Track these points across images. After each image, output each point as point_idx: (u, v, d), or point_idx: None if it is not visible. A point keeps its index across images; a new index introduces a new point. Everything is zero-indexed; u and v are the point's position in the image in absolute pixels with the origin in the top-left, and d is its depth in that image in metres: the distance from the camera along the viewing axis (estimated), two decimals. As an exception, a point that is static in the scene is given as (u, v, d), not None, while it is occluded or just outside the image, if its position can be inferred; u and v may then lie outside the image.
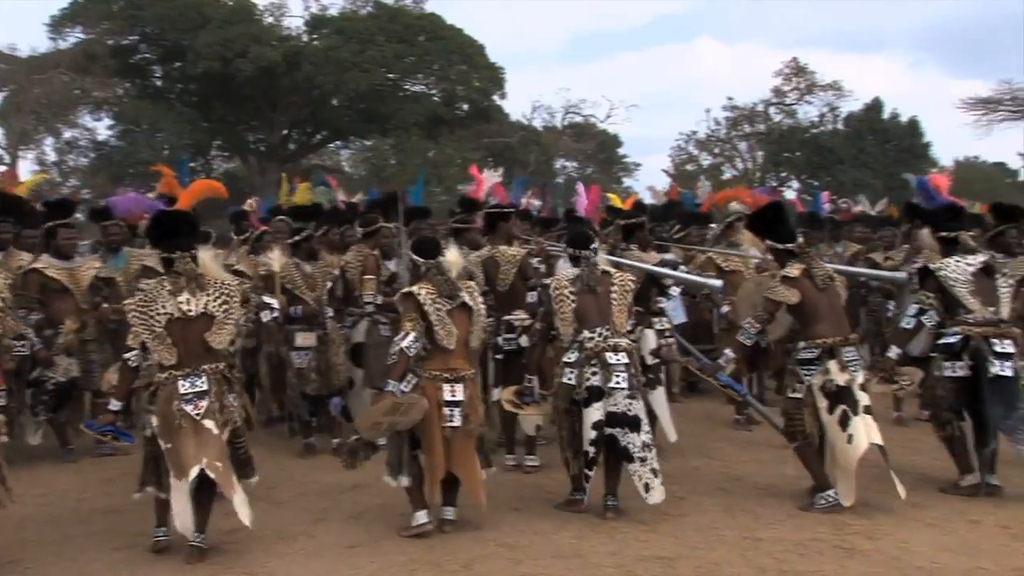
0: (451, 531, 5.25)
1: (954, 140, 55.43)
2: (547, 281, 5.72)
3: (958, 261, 5.86)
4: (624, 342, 5.54)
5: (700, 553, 4.86)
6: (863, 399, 5.53)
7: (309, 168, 32.48)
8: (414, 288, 5.27)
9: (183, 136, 30.76)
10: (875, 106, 37.13)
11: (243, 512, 4.80)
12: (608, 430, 5.38)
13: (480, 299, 5.45)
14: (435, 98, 34.38)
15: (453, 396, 5.16)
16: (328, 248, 7.99)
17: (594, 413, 5.39)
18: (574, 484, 5.60)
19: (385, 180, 27.82)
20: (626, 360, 5.47)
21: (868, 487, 5.62)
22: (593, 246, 5.76)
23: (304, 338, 7.16)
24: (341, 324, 7.42)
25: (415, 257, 5.44)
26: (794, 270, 5.69)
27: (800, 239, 5.92)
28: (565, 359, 5.56)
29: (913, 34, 66.15)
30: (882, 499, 5.56)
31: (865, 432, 5.43)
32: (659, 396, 6.88)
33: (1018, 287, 5.91)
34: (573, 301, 5.52)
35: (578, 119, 40.11)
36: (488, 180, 8.34)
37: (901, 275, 7.05)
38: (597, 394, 5.40)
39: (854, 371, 5.55)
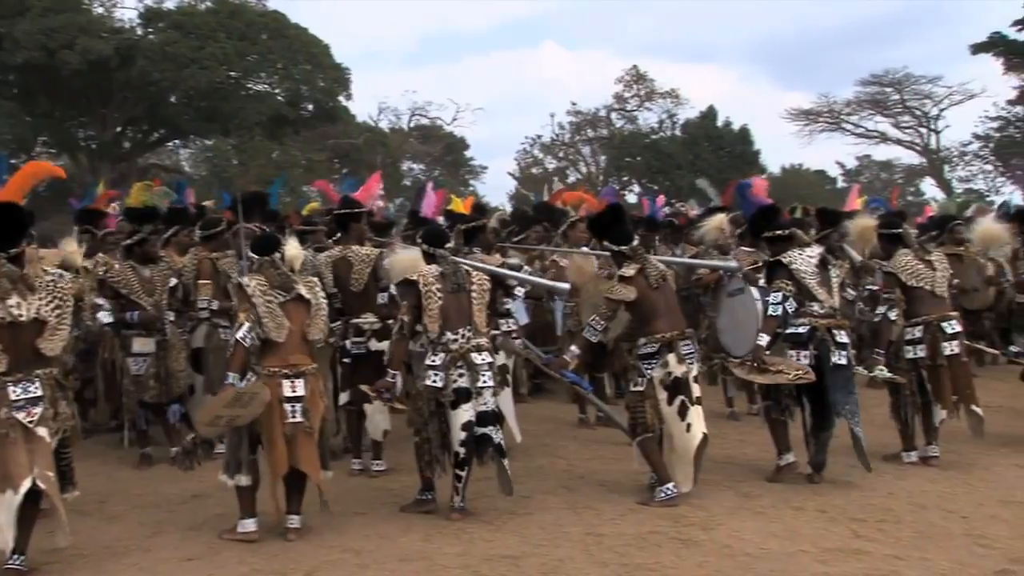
0: (295, 539, 5.15)
1: (781, 148, 58.87)
2: (414, 276, 5.64)
3: (801, 253, 6.14)
4: (485, 341, 5.61)
5: (545, 550, 4.94)
6: (696, 391, 5.80)
7: (146, 167, 31.10)
8: (244, 279, 5.22)
9: (1, 130, 28.82)
10: (710, 114, 38.88)
11: (61, 533, 4.57)
12: (480, 429, 5.43)
13: (322, 294, 5.40)
14: (279, 98, 33.61)
15: (293, 392, 5.08)
16: (177, 250, 7.71)
17: (463, 414, 5.41)
18: (424, 484, 5.59)
19: (227, 181, 26.95)
20: (490, 359, 5.55)
21: (704, 480, 5.87)
22: (449, 244, 5.78)
23: (142, 343, 6.84)
24: (182, 329, 7.15)
25: (250, 253, 5.36)
26: (630, 270, 5.87)
27: (637, 241, 6.08)
28: (428, 362, 5.53)
29: (745, 47, 69.73)
30: (717, 491, 5.82)
31: (699, 423, 5.72)
32: (506, 397, 6.95)
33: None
34: (440, 298, 5.51)
35: (425, 121, 40.17)
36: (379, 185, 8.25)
37: (732, 263, 7.32)
38: (465, 395, 5.43)
39: (690, 363, 5.80)
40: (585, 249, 8.36)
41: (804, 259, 6.11)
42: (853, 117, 40.46)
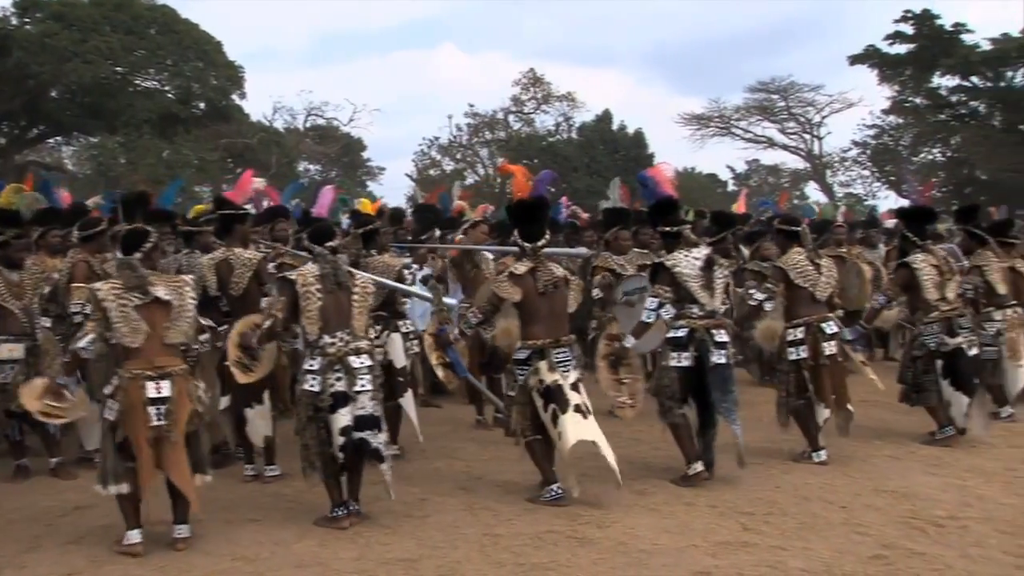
0: (184, 548, 5.00)
1: (674, 151, 60.16)
2: (291, 275, 5.50)
3: (686, 255, 6.19)
4: (365, 344, 5.48)
5: (442, 552, 4.94)
6: (575, 398, 5.71)
7: (24, 164, 29.72)
8: (95, 284, 5.05)
9: None
10: (605, 117, 39.50)
11: None
12: (357, 434, 5.30)
13: (190, 295, 5.15)
14: (169, 95, 32.59)
15: (158, 393, 4.89)
16: (48, 252, 7.38)
17: (341, 419, 5.28)
18: (333, 501, 5.41)
19: (113, 180, 26.00)
20: (369, 363, 5.43)
21: (598, 478, 5.95)
22: (332, 243, 5.64)
23: (9, 350, 6.52)
24: (60, 334, 6.85)
25: (117, 254, 5.20)
26: (521, 267, 5.83)
27: (542, 242, 5.97)
28: (306, 366, 5.41)
29: (642, 52, 71.17)
30: (611, 489, 5.92)
31: (574, 430, 5.63)
32: (409, 399, 6.94)
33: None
34: (320, 299, 5.38)
35: (321, 122, 39.60)
36: (253, 183, 8.02)
37: (582, 250, 7.36)
38: (343, 400, 5.30)
39: (564, 371, 5.74)
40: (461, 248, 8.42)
41: (688, 261, 6.16)
42: (742, 122, 41.71)
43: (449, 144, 41.09)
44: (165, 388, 4.91)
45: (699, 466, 6.13)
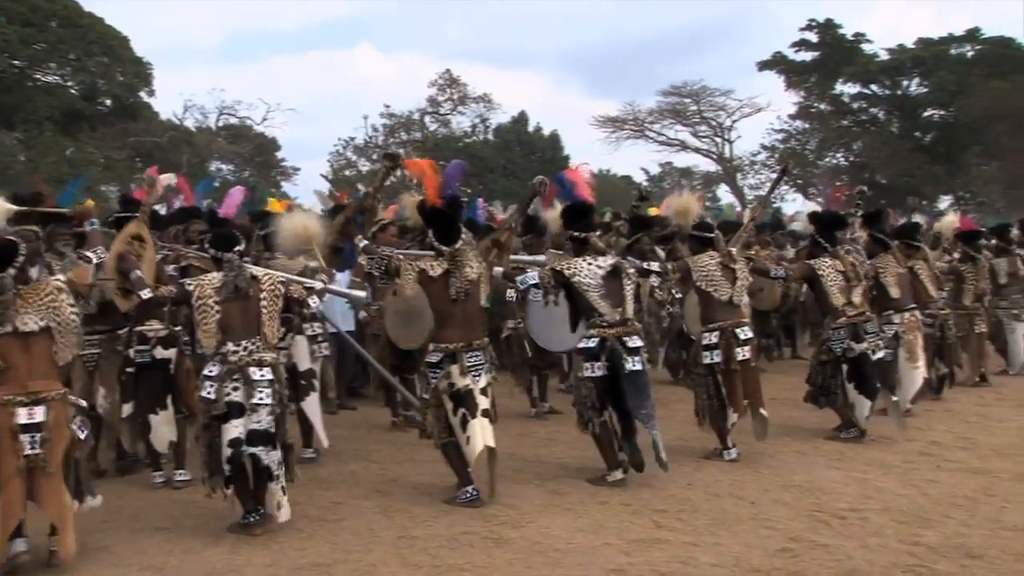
0: (87, 560, 4.85)
1: (590, 153, 60.76)
2: (189, 284, 5.30)
3: (589, 264, 6.15)
4: (270, 356, 5.27)
5: (357, 556, 4.90)
6: (483, 403, 5.70)
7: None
8: None
9: None
10: (522, 119, 39.71)
11: None
12: (250, 449, 5.11)
13: (68, 306, 4.79)
14: (72, 91, 31.50)
15: (31, 419, 4.57)
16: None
17: (232, 430, 5.09)
18: (244, 507, 5.28)
19: (13, 179, 24.98)
20: (271, 376, 5.22)
21: (514, 479, 5.99)
22: (238, 248, 5.41)
23: None
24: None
25: None
26: (437, 268, 5.78)
27: (459, 243, 5.89)
28: (206, 372, 5.23)
29: (558, 54, 71.60)
30: (527, 489, 5.96)
31: (481, 435, 5.63)
32: (312, 402, 6.85)
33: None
34: (218, 311, 5.18)
35: (234, 121, 38.79)
36: (164, 181, 7.76)
37: (540, 258, 7.34)
38: (238, 410, 5.12)
39: (476, 375, 5.70)
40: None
41: (589, 270, 6.10)
42: (656, 125, 42.37)
43: (365, 145, 40.74)
44: (38, 414, 4.59)
45: (619, 474, 6.17)
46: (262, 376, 5.19)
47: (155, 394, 6.19)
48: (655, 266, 6.71)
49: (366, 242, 6.13)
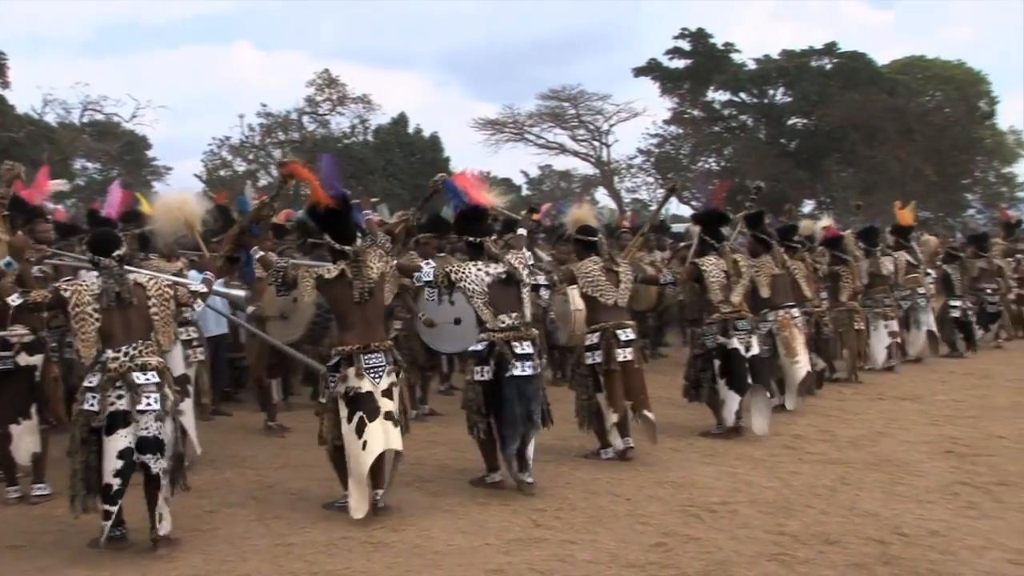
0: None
1: (470, 156, 60.79)
2: (65, 290, 4.95)
3: (478, 269, 6.12)
4: (155, 360, 5.03)
5: (231, 566, 4.78)
6: (386, 405, 5.57)
7: None
8: None
9: None
10: (401, 120, 39.46)
11: None
12: (140, 457, 4.89)
13: None
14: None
15: None
16: None
17: (119, 441, 4.85)
18: (105, 517, 4.97)
19: None
20: (157, 380, 4.98)
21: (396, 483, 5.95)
22: (119, 252, 5.12)
23: None
24: None
25: None
26: (333, 270, 5.67)
27: (359, 242, 5.81)
28: (85, 383, 4.96)
29: (439, 56, 71.31)
30: (407, 492, 5.93)
31: (383, 438, 5.51)
32: (186, 408, 6.63)
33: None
34: (97, 320, 4.91)
35: (99, 117, 37.18)
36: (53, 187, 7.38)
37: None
38: (123, 419, 4.87)
39: (375, 377, 5.58)
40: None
41: (476, 276, 6.07)
42: (535, 128, 42.82)
43: (241, 144, 39.67)
44: None
45: (498, 476, 6.21)
46: (147, 380, 4.94)
47: (18, 403, 5.89)
48: (542, 279, 6.75)
49: (262, 253, 5.98)
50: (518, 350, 6.04)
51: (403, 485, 5.97)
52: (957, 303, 12.70)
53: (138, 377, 4.92)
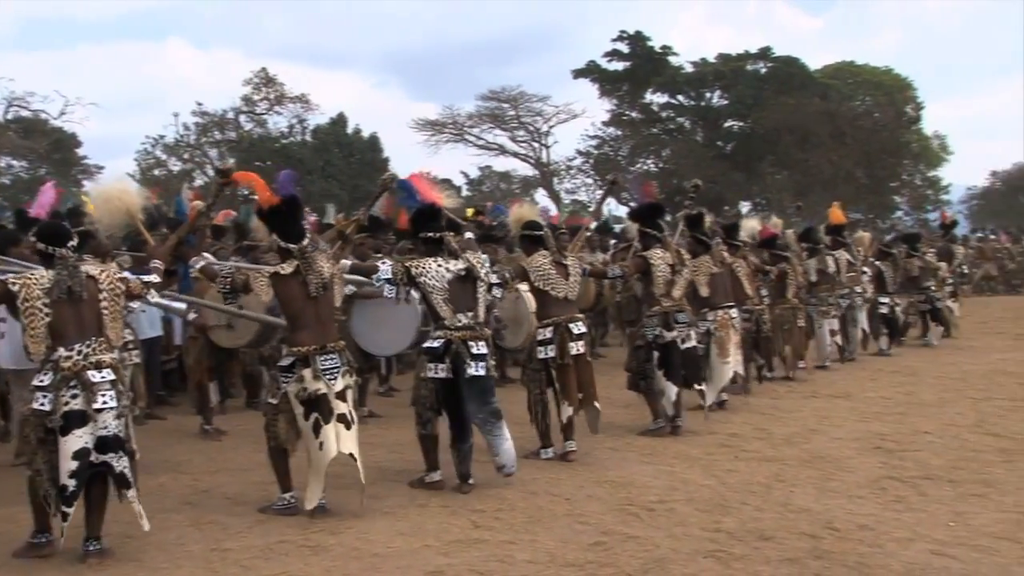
0: None
1: (409, 156, 60.51)
2: (13, 284, 4.74)
3: (438, 265, 6.12)
4: (109, 357, 4.89)
5: (164, 573, 4.70)
6: (339, 407, 5.55)
7: None
8: None
9: None
10: (340, 120, 39.10)
11: None
12: (100, 457, 4.77)
13: None
14: None
15: None
16: None
17: (75, 441, 4.70)
18: (37, 526, 4.91)
19: None
20: (112, 376, 4.86)
21: (333, 484, 5.88)
22: (72, 243, 4.96)
23: None
24: None
25: None
26: (287, 266, 5.59)
27: (306, 241, 5.71)
28: (36, 382, 4.81)
29: (379, 56, 70.97)
30: (345, 495, 5.88)
31: (335, 440, 5.48)
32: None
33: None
34: (47, 315, 4.74)
35: (26, 114, 36.14)
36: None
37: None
38: (79, 419, 4.73)
39: (331, 379, 5.53)
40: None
41: (436, 272, 6.08)
42: (475, 129, 42.81)
43: (176, 143, 38.91)
44: None
45: (437, 475, 6.20)
46: (103, 378, 4.81)
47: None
48: (495, 278, 6.73)
49: (203, 262, 5.85)
50: (474, 350, 6.06)
51: (341, 488, 5.93)
52: (886, 300, 13.08)
53: (93, 375, 4.80)
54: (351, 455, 5.56)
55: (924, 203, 41.98)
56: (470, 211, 10.59)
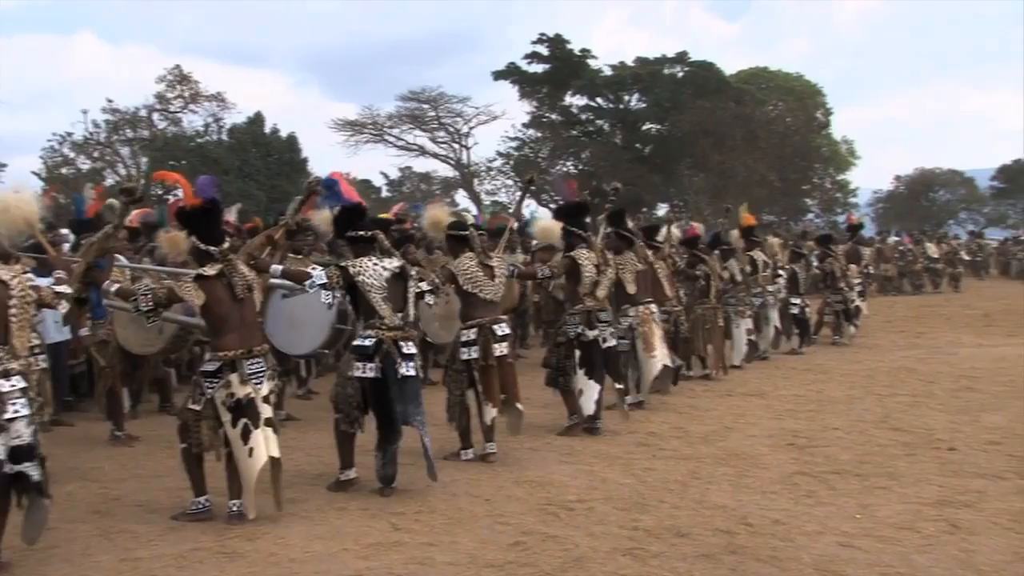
0: None
1: (329, 157, 59.73)
2: None
3: (375, 263, 6.09)
4: (17, 365, 4.71)
5: (72, 585, 4.56)
6: (266, 412, 5.50)
7: None
8: None
9: None
10: (258, 120, 38.42)
11: None
12: (14, 467, 4.59)
13: None
14: None
15: None
16: None
17: None
18: None
19: None
20: (23, 384, 4.69)
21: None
22: None
23: None
24: None
25: None
26: (211, 269, 5.47)
27: (227, 244, 5.65)
28: None
29: (298, 55, 70.12)
30: (261, 500, 5.76)
31: (264, 445, 5.42)
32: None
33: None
34: None
35: (-79, 108, 34.61)
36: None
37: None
38: None
39: (257, 383, 5.48)
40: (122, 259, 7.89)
41: (374, 270, 6.07)
42: (395, 130, 42.57)
43: (84, 141, 37.70)
44: None
45: (352, 473, 6.17)
46: (12, 387, 4.64)
47: None
48: (425, 285, 6.67)
49: (118, 284, 5.67)
50: (404, 350, 6.05)
51: (258, 492, 5.81)
52: (797, 301, 13.45)
53: (2, 385, 4.63)
54: (274, 459, 5.48)
55: (834, 206, 43.30)
56: (387, 214, 10.49)
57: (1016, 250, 32.08)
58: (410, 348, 6.11)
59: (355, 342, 6.13)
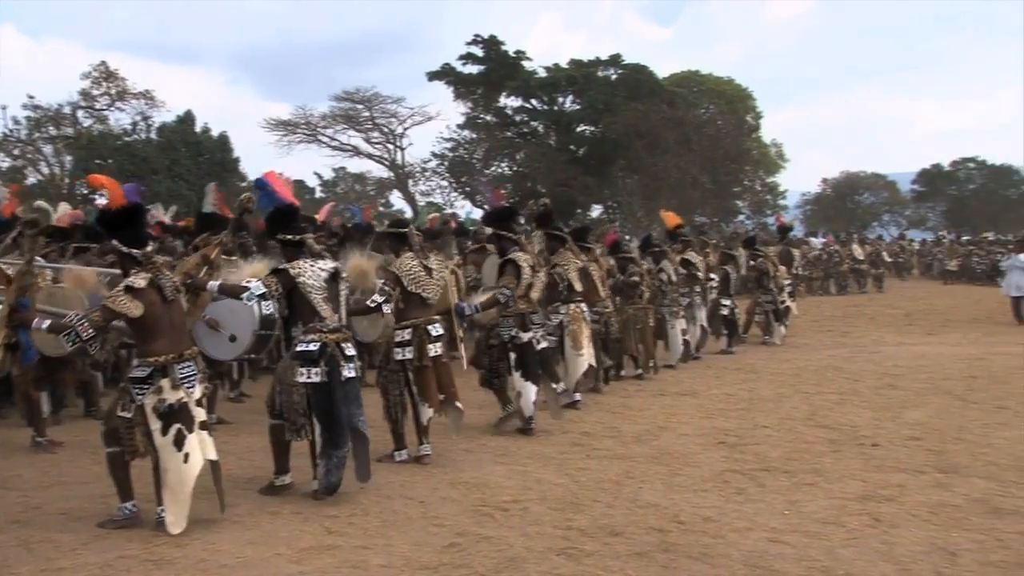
0: None
1: (261, 156, 58.94)
2: None
3: (312, 265, 6.02)
4: None
5: (-9, 596, 4.42)
6: (200, 415, 5.41)
7: None
8: None
9: None
10: (188, 119, 37.70)
11: None
12: None
13: None
14: None
15: None
16: None
17: None
18: None
19: None
20: None
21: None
22: None
23: None
24: None
25: None
26: (140, 280, 5.33)
27: (151, 247, 5.55)
28: None
29: (230, 53, 69.21)
30: (192, 505, 5.67)
31: (200, 449, 5.33)
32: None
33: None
34: None
35: None
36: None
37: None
38: None
39: (189, 387, 5.37)
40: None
41: (313, 272, 5.99)
42: (329, 130, 42.20)
43: (4, 139, 36.51)
44: None
45: (287, 478, 6.10)
46: None
47: None
48: (379, 297, 6.60)
49: (48, 322, 5.46)
50: (347, 352, 6.02)
51: (194, 497, 5.71)
52: (727, 302, 13.69)
53: None
54: (212, 462, 5.40)
55: (764, 207, 44.18)
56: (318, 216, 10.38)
57: (937, 251, 33.19)
58: (350, 350, 6.08)
59: (298, 347, 5.98)
